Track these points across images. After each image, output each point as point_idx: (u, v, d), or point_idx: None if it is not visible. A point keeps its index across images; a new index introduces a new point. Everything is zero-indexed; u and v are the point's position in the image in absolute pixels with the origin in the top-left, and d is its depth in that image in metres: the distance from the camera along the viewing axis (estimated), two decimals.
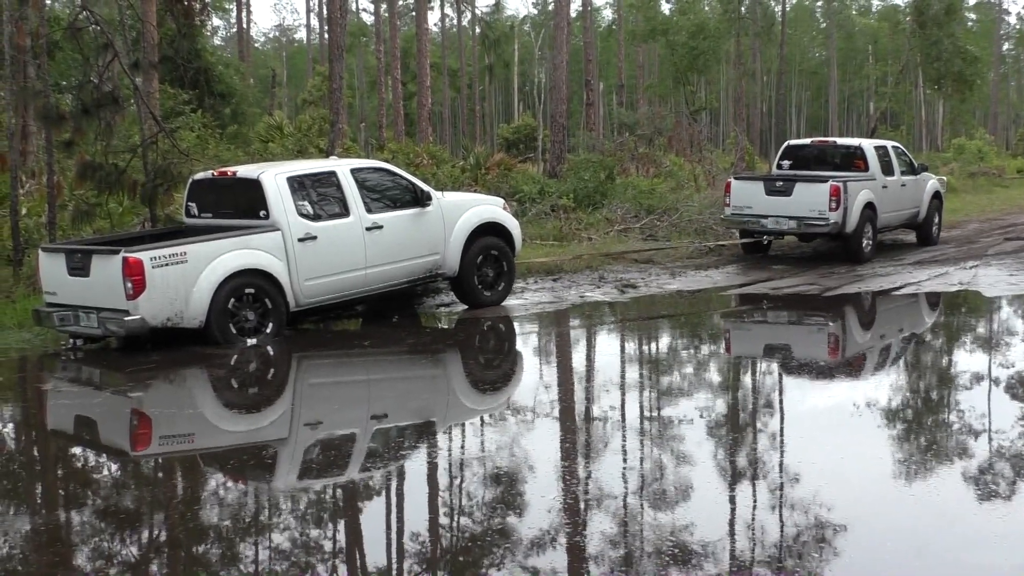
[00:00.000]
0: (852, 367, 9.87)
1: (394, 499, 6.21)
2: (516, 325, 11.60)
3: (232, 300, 9.84)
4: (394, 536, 5.56)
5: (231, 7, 58.44)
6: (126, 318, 9.42)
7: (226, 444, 7.51)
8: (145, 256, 9.45)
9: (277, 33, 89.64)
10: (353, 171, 11.07)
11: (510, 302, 12.35)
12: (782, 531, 5.37)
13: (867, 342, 11.05)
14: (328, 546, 5.43)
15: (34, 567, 5.16)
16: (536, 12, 78.14)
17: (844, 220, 15.45)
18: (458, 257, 11.64)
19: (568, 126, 28.01)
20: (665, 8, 52.93)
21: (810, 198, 15.57)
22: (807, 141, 18.54)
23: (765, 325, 12.15)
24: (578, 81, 49.84)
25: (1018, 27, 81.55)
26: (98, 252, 9.78)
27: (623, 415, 7.84)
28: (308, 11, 77.21)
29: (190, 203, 11.15)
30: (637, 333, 11.71)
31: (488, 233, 11.95)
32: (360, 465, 6.77)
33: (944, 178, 21.47)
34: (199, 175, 11.35)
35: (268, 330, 10.08)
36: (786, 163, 17.42)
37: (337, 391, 9.27)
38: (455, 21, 65.46)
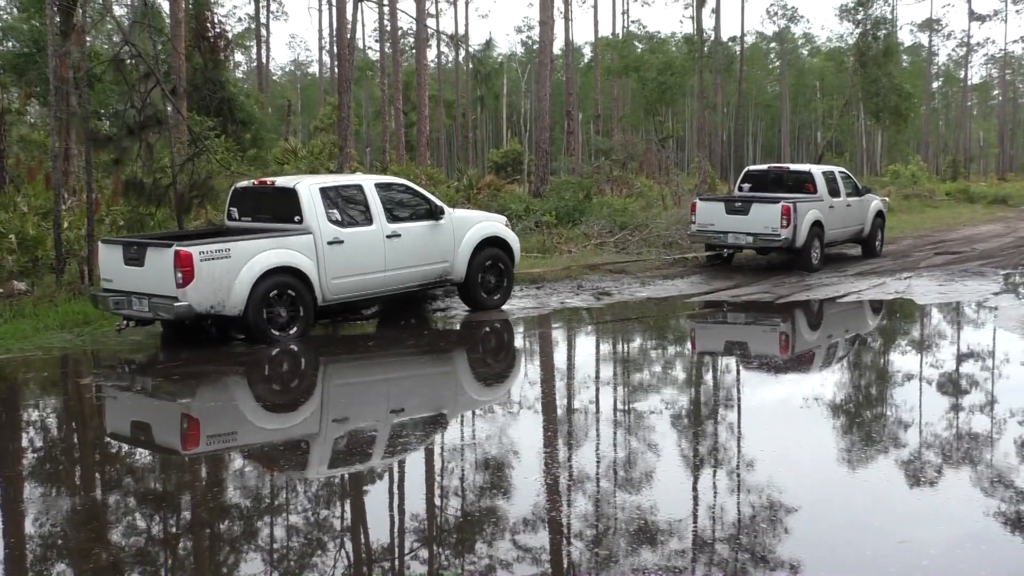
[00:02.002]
0: (801, 362, 9.92)
1: (415, 467, 6.23)
2: (513, 326, 11.63)
3: (272, 292, 9.86)
4: (425, 493, 5.58)
5: (251, 44, 58.26)
6: (175, 304, 9.44)
7: (269, 429, 7.51)
8: (195, 250, 9.47)
9: (292, 67, 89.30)
10: (377, 185, 11.13)
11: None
12: (739, 510, 5.40)
13: (814, 342, 11.11)
14: (355, 495, 5.44)
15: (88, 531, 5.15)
16: (522, 51, 78.13)
17: (794, 236, 15.57)
18: (465, 265, 11.70)
19: (551, 151, 28.05)
20: (637, 47, 53.11)
21: (764, 217, 15.68)
22: (764, 167, 18.60)
23: (725, 326, 12.22)
24: (560, 111, 49.97)
25: (946, 67, 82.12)
26: (153, 245, 9.80)
27: (601, 404, 7.87)
28: (320, 48, 77.25)
29: (232, 208, 11.20)
30: (612, 334, 11.74)
31: (491, 246, 12.02)
32: (385, 446, 6.79)
33: (887, 199, 21.59)
34: (242, 184, 11.40)
35: (297, 323, 10.11)
36: (746, 186, 17.53)
37: (359, 382, 9.27)
38: (451, 58, 65.47)
